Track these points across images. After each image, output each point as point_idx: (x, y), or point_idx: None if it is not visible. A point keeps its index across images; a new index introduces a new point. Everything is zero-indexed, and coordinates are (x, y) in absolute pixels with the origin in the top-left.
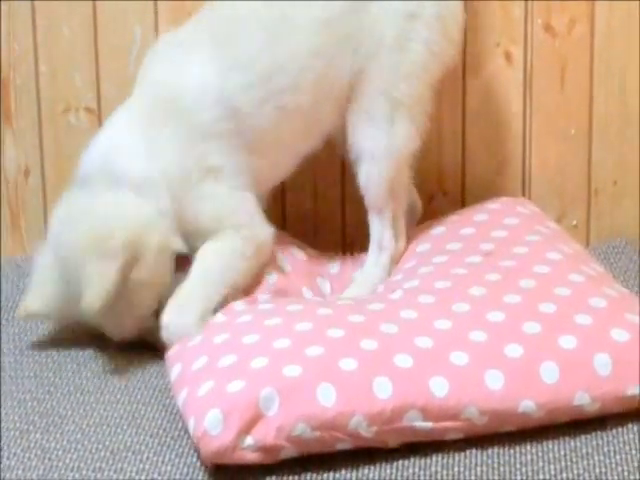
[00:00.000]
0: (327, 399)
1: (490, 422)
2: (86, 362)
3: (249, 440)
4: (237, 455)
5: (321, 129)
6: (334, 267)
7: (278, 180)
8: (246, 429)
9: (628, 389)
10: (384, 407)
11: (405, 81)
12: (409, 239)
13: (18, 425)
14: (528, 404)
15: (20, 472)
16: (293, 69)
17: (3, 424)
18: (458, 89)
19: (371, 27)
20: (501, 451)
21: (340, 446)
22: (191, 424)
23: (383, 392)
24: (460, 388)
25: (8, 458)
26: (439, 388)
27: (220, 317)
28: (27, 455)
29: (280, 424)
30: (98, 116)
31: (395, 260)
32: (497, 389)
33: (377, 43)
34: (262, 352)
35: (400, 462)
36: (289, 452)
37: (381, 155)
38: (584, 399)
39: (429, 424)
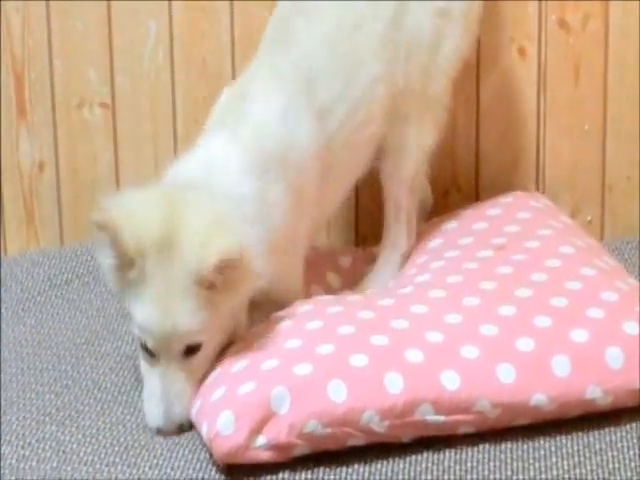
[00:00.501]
0: (338, 395)
1: (502, 415)
2: (104, 357)
3: (261, 439)
4: (250, 455)
5: (376, 147)
6: (346, 261)
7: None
8: (258, 428)
9: None
10: (396, 402)
11: (437, 78)
12: (422, 234)
13: (35, 416)
14: (540, 397)
15: (34, 463)
16: (366, 102)
17: (21, 414)
18: (472, 84)
19: (410, 28)
20: (514, 446)
21: (352, 442)
22: (204, 429)
23: (394, 387)
24: (471, 381)
25: (23, 448)
26: (450, 382)
27: None
28: (42, 446)
29: (292, 422)
30: (112, 111)
31: (405, 257)
32: (509, 382)
33: (415, 43)
34: (272, 354)
35: (413, 457)
36: (301, 450)
37: (409, 152)
38: (596, 393)
39: (441, 418)
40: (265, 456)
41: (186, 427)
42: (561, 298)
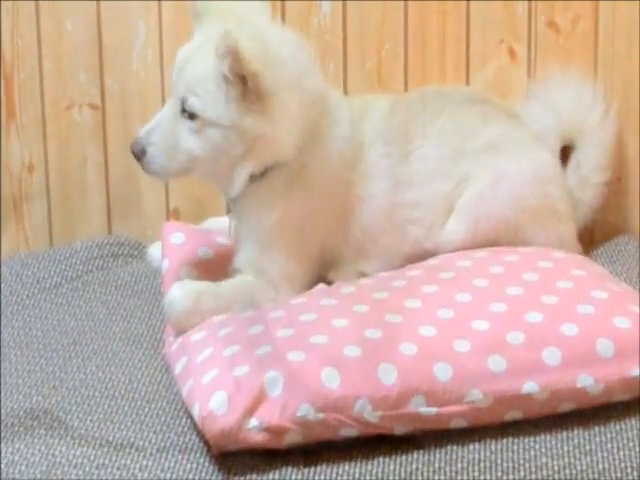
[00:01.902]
0: (331, 382)
1: (494, 405)
2: (91, 357)
3: (254, 421)
4: (243, 436)
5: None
6: None
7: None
8: (251, 410)
9: (631, 370)
10: (389, 392)
11: None
12: None
13: (23, 421)
14: (531, 385)
15: (23, 468)
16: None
17: (8, 419)
18: (462, 85)
19: None
20: (504, 447)
21: (345, 432)
22: (196, 409)
23: (388, 378)
24: (463, 372)
25: (12, 454)
26: (443, 373)
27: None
28: (31, 451)
29: (284, 405)
30: (102, 112)
31: None
32: (500, 372)
33: None
34: (265, 341)
35: (404, 458)
36: (295, 437)
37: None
38: (587, 381)
39: (434, 409)
40: (258, 439)
41: (146, 162)
42: (552, 296)
